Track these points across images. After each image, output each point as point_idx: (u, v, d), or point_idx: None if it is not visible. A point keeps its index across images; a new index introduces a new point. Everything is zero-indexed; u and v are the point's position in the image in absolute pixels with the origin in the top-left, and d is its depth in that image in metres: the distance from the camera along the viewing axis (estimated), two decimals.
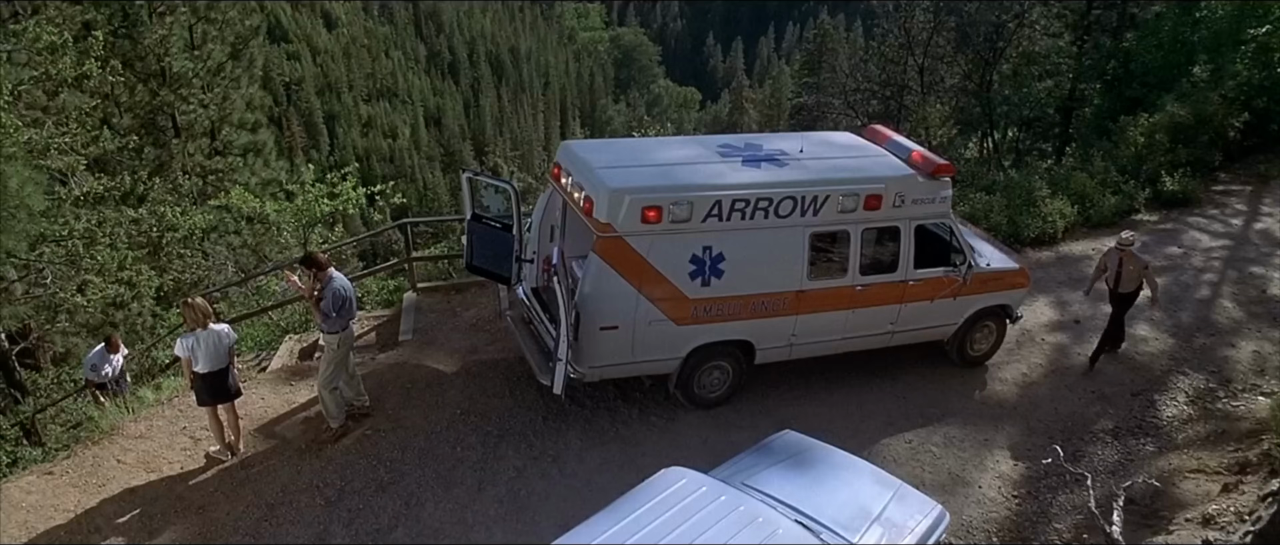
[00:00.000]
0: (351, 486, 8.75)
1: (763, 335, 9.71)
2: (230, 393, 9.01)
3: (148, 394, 10.43)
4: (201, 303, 8.73)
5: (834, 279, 9.79)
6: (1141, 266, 10.65)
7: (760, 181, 9.27)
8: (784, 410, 9.92)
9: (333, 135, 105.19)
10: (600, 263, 8.90)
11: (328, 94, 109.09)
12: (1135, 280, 10.74)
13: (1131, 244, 10.66)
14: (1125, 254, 10.63)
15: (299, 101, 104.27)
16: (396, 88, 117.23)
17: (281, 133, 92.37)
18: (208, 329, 8.69)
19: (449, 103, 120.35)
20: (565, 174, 9.72)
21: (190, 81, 22.59)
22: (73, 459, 9.22)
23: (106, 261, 13.83)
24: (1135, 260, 10.65)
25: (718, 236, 9.10)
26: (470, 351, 11.02)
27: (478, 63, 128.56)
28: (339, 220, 18.44)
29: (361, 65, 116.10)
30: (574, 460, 9.23)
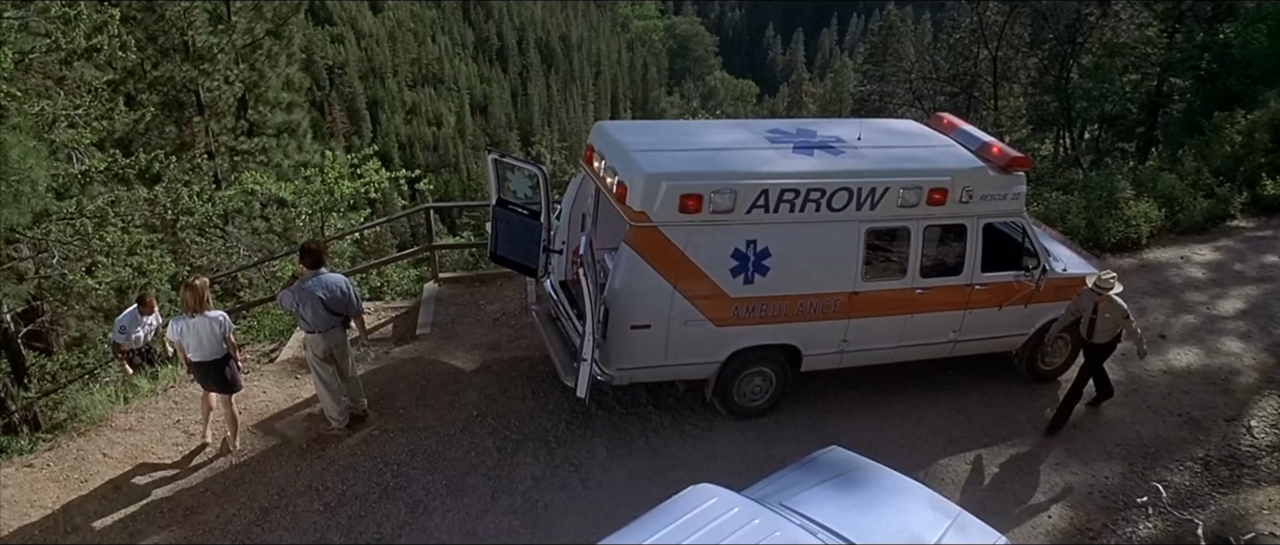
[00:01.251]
0: (353, 491, 8.41)
1: (810, 340, 9.22)
2: (226, 386, 8.68)
3: (142, 382, 10.17)
4: (200, 285, 8.42)
5: (891, 280, 9.28)
6: (1121, 315, 9.32)
7: (812, 170, 8.78)
8: (831, 423, 9.46)
9: (375, 121, 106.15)
10: (632, 255, 8.46)
11: (371, 79, 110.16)
12: (1112, 329, 9.44)
13: (1110, 287, 9.35)
14: (1102, 299, 9.30)
15: (342, 86, 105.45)
16: (442, 74, 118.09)
17: (323, 117, 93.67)
18: (200, 315, 8.36)
19: (496, 91, 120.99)
20: (598, 157, 9.29)
21: (215, 57, 22.52)
22: (55, 451, 9.00)
23: (116, 242, 13.68)
24: (1114, 307, 9.30)
25: (763, 230, 8.63)
26: (491, 348, 10.66)
27: (527, 50, 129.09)
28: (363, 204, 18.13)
29: (407, 50, 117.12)
30: (598, 471, 8.82)
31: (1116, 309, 9.32)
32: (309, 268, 8.69)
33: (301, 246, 9.08)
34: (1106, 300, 9.29)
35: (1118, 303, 9.32)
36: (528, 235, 9.68)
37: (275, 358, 10.96)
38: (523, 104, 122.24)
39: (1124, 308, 9.34)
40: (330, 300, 8.62)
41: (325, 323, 8.69)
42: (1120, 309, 9.33)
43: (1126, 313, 9.35)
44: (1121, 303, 9.33)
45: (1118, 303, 9.32)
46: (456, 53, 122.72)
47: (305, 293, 8.58)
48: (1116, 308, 9.31)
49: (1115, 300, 9.30)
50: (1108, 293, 9.28)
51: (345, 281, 8.90)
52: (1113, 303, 9.29)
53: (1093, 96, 22.05)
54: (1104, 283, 9.32)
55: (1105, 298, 9.28)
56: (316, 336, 8.75)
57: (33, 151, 10.68)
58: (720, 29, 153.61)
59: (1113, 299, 9.29)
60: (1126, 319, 9.38)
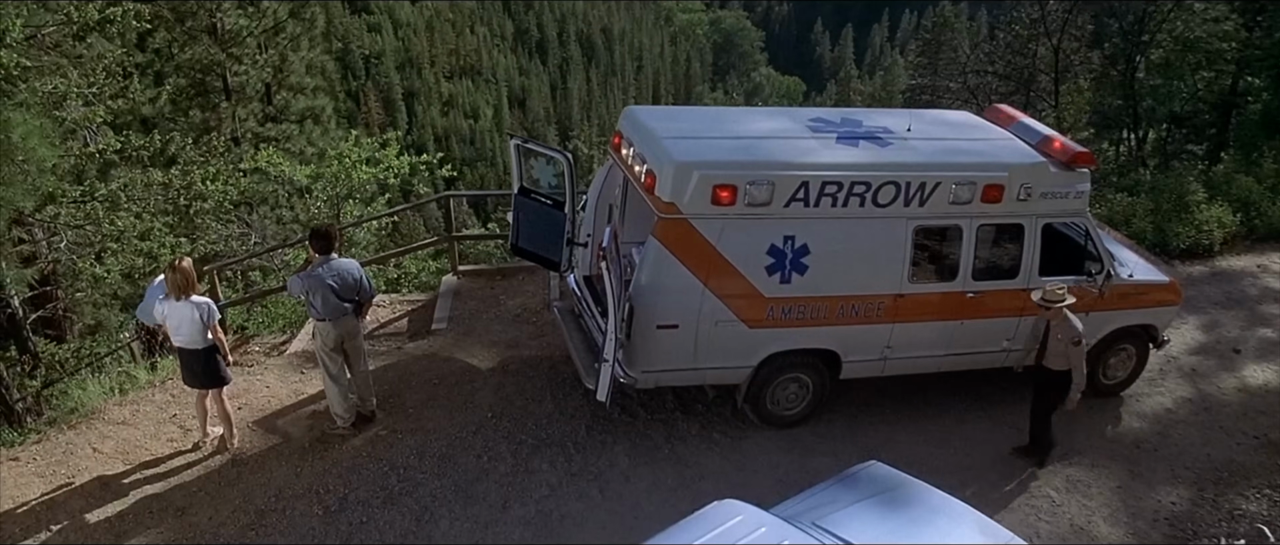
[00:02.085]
0: (356, 495, 8.11)
1: (851, 345, 8.83)
2: (210, 379, 8.43)
3: (140, 373, 9.96)
4: (185, 267, 8.14)
5: (941, 283, 8.88)
6: (1070, 339, 8.24)
7: (857, 162, 8.40)
8: (872, 436, 9.06)
9: (411, 113, 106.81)
10: (660, 249, 8.11)
11: (408, 69, 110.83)
12: (1063, 357, 8.40)
13: (1059, 300, 8.23)
14: (1053, 315, 8.30)
15: (378, 76, 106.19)
16: (480, 66, 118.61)
17: (358, 108, 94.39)
18: (184, 299, 8.10)
19: (535, 83, 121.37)
20: (627, 144, 8.96)
21: (244, 40, 22.49)
22: (43, 444, 8.80)
23: (127, 227, 13.54)
24: (1066, 327, 8.24)
25: (803, 225, 8.26)
26: (510, 346, 10.35)
27: (567, 42, 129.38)
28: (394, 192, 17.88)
29: (445, 40, 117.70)
30: (619, 481, 8.47)
31: (1067, 330, 8.25)
32: (320, 252, 8.44)
33: (312, 230, 8.80)
34: (1057, 317, 8.29)
35: (1070, 322, 8.27)
36: (551, 227, 9.37)
37: (285, 350, 10.71)
38: (562, 97, 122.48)
39: (1075, 329, 8.24)
40: (341, 287, 8.36)
41: (335, 310, 8.43)
42: (1070, 330, 8.24)
43: (1078, 336, 8.23)
44: (1075, 323, 8.27)
45: (1070, 322, 8.27)
46: (495, 44, 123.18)
47: (315, 279, 8.33)
48: (1068, 328, 8.26)
49: (1068, 319, 8.27)
50: (1057, 305, 8.23)
51: (357, 267, 8.66)
52: (1064, 321, 8.28)
53: (1161, 95, 21.34)
54: (1051, 295, 8.26)
55: (1057, 313, 8.28)
56: (326, 325, 8.49)
57: (39, 131, 10.49)
58: (767, 24, 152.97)
59: (1065, 316, 8.27)
60: (1076, 344, 8.23)
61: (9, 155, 10.18)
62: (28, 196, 10.85)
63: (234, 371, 9.49)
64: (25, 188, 10.63)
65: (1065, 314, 8.23)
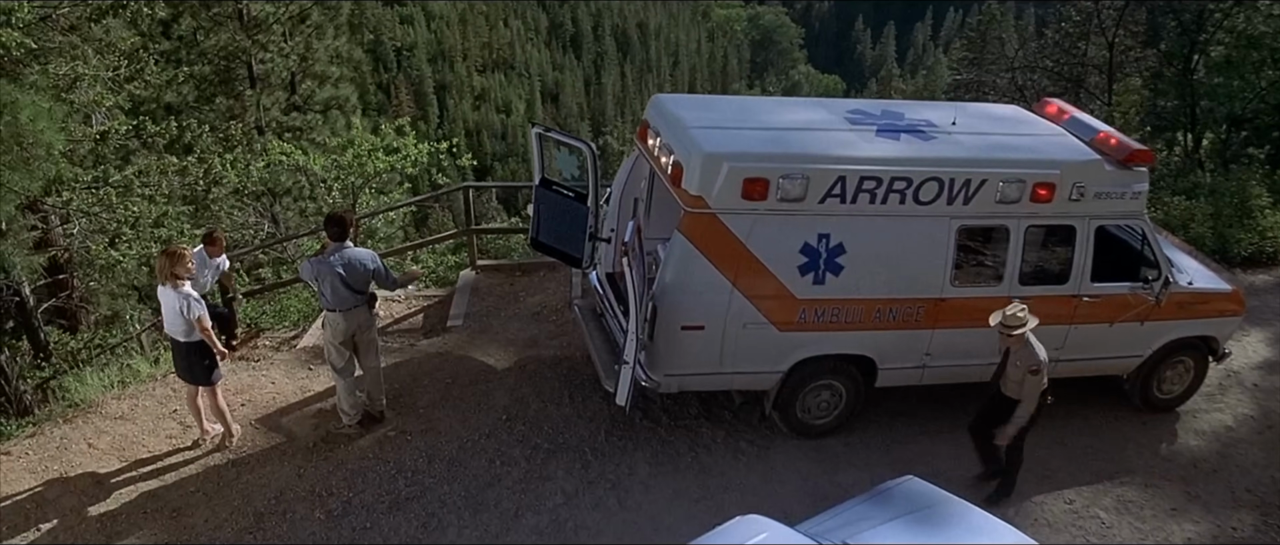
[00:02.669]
0: (361, 499, 7.89)
1: (888, 351, 8.50)
2: (195, 374, 8.21)
3: (142, 366, 9.78)
4: (178, 253, 7.93)
5: (985, 287, 8.50)
6: (1029, 367, 7.51)
7: (898, 156, 8.07)
8: (908, 449, 8.74)
9: (443, 106, 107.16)
10: (686, 245, 7.82)
11: (440, 62, 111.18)
12: (1019, 385, 7.67)
13: (1019, 325, 7.46)
14: (1011, 340, 7.55)
15: (409, 68, 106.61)
16: (513, 59, 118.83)
17: (389, 100, 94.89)
18: (169, 285, 7.88)
19: (568, 78, 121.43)
20: (653, 134, 8.68)
21: (270, 27, 22.46)
22: (37, 437, 8.65)
23: (142, 213, 13.43)
24: (1026, 354, 7.51)
25: (838, 222, 7.95)
26: (528, 345, 10.11)
27: (602, 37, 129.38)
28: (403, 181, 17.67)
29: (477, 33, 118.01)
30: (639, 490, 8.19)
31: (1027, 357, 7.51)
32: (333, 239, 8.23)
33: (327, 215, 8.60)
34: (1018, 343, 7.54)
35: (1031, 348, 7.50)
36: (573, 220, 9.10)
37: (296, 344, 10.50)
38: (596, 93, 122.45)
39: (1036, 357, 7.46)
40: (350, 276, 8.13)
41: (345, 301, 8.20)
42: (1031, 357, 7.48)
43: (1037, 365, 7.45)
44: (1037, 350, 7.49)
45: (1031, 348, 7.50)
46: (529, 38, 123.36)
47: (325, 266, 8.11)
48: (1027, 355, 7.50)
49: (1030, 344, 7.50)
50: (1015, 331, 7.45)
51: (371, 256, 8.41)
52: (1024, 347, 7.53)
53: (1220, 95, 20.67)
54: (1011, 320, 7.46)
55: (1014, 339, 7.51)
56: (337, 316, 8.27)
57: (47, 113, 10.35)
58: (806, 21, 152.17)
59: (1026, 342, 7.51)
60: (1034, 373, 7.47)
61: (16, 138, 10.01)
62: (35, 180, 10.69)
63: (240, 366, 9.32)
64: (32, 172, 10.46)
65: (1028, 339, 7.50)
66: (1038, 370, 7.49)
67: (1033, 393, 7.57)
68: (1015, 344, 7.54)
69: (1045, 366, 7.51)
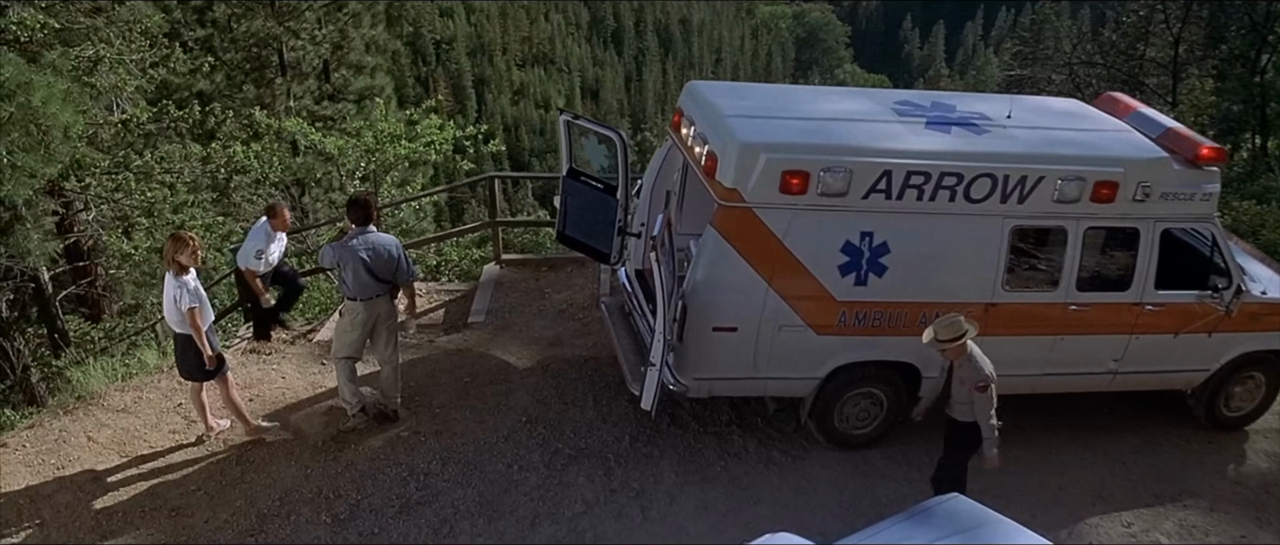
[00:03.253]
0: (370, 502, 7.60)
1: (933, 358, 7.91)
2: (186, 370, 7.96)
3: (148, 356, 9.57)
4: (184, 239, 7.68)
5: (1039, 292, 8.13)
6: (975, 383, 6.84)
7: (949, 150, 7.68)
8: None
9: (481, 101, 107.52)
10: (719, 240, 7.48)
11: (479, 56, 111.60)
12: (968, 405, 7.01)
13: (958, 335, 6.77)
14: (950, 353, 6.91)
15: (448, 62, 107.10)
16: (553, 54, 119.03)
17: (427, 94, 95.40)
18: (174, 273, 7.64)
19: (609, 74, 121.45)
20: (687, 122, 8.33)
21: (302, 13, 22.39)
22: (36, 429, 8.43)
23: (158, 200, 13.29)
24: (970, 368, 6.84)
25: (883, 220, 7.59)
26: (552, 344, 9.80)
27: (644, 33, 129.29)
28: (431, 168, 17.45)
29: (518, 27, 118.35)
30: (664, 500, 7.85)
31: (971, 372, 6.84)
32: (356, 223, 7.96)
33: (350, 199, 8.29)
34: (957, 355, 6.87)
35: (975, 362, 6.84)
36: (601, 213, 8.76)
37: (312, 337, 10.26)
38: (636, 89, 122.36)
39: (981, 371, 6.80)
40: (375, 263, 7.87)
41: (368, 289, 7.95)
42: (975, 372, 6.82)
43: (984, 380, 6.79)
44: (981, 363, 6.84)
45: (975, 362, 6.84)
46: (569, 33, 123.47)
47: (347, 251, 7.85)
48: (971, 370, 6.85)
49: (973, 358, 6.84)
50: (951, 344, 6.79)
51: (396, 243, 8.17)
52: (967, 361, 6.86)
53: None
54: (944, 331, 6.76)
55: (954, 350, 6.84)
56: (357, 305, 8.01)
57: (62, 95, 10.20)
58: (853, 19, 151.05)
59: (968, 355, 6.85)
60: (981, 390, 6.81)
61: (29, 120, 9.86)
62: (50, 164, 10.54)
63: (250, 359, 9.07)
64: (46, 155, 10.32)
65: (970, 352, 6.83)
66: (985, 386, 6.78)
67: (986, 411, 6.88)
68: (954, 356, 6.89)
69: (993, 381, 6.80)
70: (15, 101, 10.06)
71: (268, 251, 9.40)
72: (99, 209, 14.19)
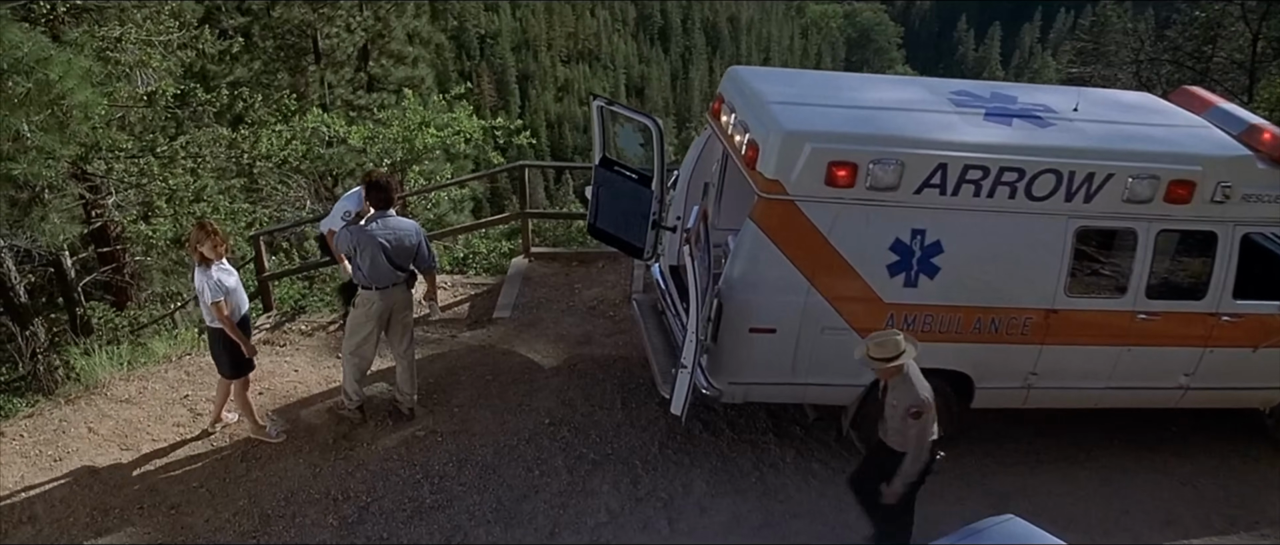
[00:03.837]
0: (379, 505, 7.27)
1: (987, 368, 7.68)
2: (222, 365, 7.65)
3: (158, 346, 9.32)
4: (208, 229, 7.36)
5: (1105, 298, 7.65)
6: (908, 408, 6.12)
7: (1010, 143, 7.24)
8: (1007, 482, 7.89)
9: (525, 97, 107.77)
10: (759, 235, 7.10)
11: (524, 51, 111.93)
12: (901, 432, 6.30)
13: (895, 354, 6.12)
14: (886, 373, 6.24)
15: (493, 57, 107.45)
16: (598, 51, 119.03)
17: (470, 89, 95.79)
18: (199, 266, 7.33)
19: (655, 72, 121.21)
20: (728, 109, 7.93)
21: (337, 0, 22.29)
22: (34, 419, 8.21)
23: (180, 185, 13.09)
24: (904, 390, 6.15)
25: (936, 217, 7.16)
26: (580, 342, 9.45)
27: (691, 30, 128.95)
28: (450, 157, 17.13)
29: (563, 22, 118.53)
30: (693, 512, 7.45)
31: (905, 394, 6.15)
32: (376, 206, 7.61)
33: (370, 181, 7.89)
34: (892, 376, 6.21)
35: (912, 385, 6.13)
36: (635, 205, 8.41)
37: (332, 328, 9.96)
38: (682, 88, 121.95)
39: (917, 395, 6.09)
40: (395, 249, 7.53)
41: (385, 277, 7.60)
42: (910, 395, 6.12)
43: (918, 405, 6.07)
44: (919, 387, 6.12)
45: (912, 385, 6.13)
46: (616, 29, 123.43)
47: (365, 235, 7.50)
48: (905, 392, 6.15)
49: (908, 379, 6.15)
50: (889, 363, 6.14)
51: (417, 229, 7.81)
52: (902, 382, 6.17)
53: None
54: (877, 347, 6.15)
55: (890, 372, 6.18)
56: (372, 294, 7.66)
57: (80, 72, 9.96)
58: (906, 19, 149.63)
59: (904, 376, 6.17)
60: (915, 416, 6.09)
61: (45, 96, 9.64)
62: (68, 143, 10.34)
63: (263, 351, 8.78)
64: (64, 135, 10.10)
65: (907, 373, 6.16)
66: (920, 411, 6.09)
67: (920, 441, 6.19)
68: (889, 376, 6.23)
69: (929, 407, 6.11)
70: (33, 77, 9.83)
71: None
72: (124, 194, 14.03)
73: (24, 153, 10.27)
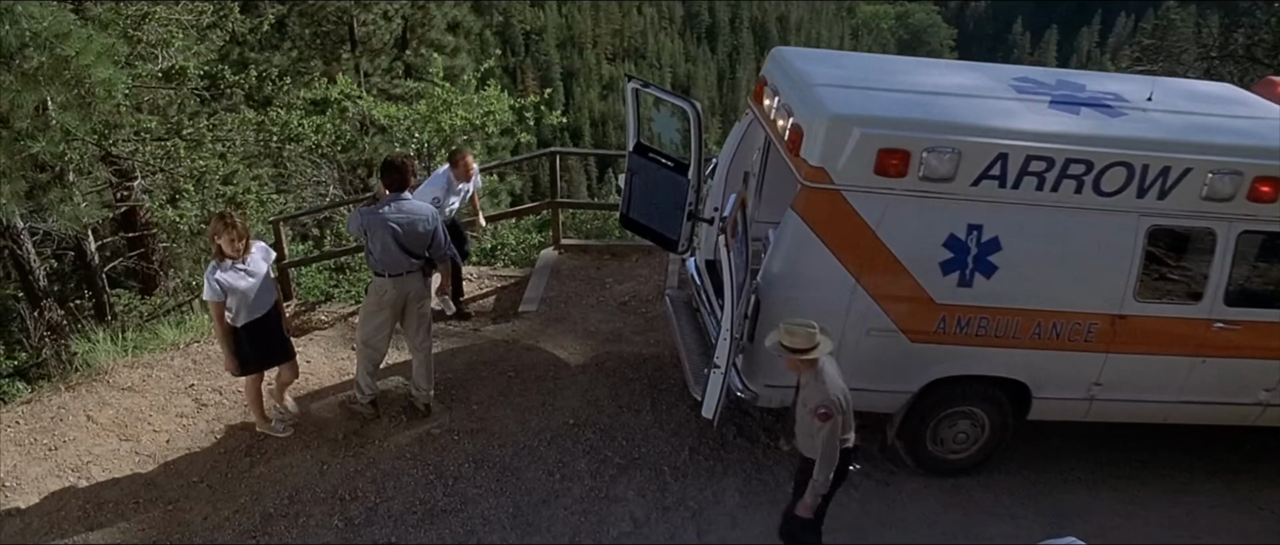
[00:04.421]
0: (388, 507, 6.92)
1: (1046, 376, 7.18)
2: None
3: (166, 332, 9.03)
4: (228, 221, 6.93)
5: (1178, 305, 7.11)
6: (816, 408, 5.56)
7: (1077, 133, 6.72)
8: (1065, 500, 7.43)
9: (569, 94, 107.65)
10: (801, 227, 6.64)
11: (569, 48, 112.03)
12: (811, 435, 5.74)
13: (808, 345, 5.61)
14: (799, 366, 5.73)
15: (537, 53, 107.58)
16: (644, 49, 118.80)
17: (514, 85, 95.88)
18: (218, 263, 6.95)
19: (701, 71, 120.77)
20: (770, 93, 7.48)
21: None
22: (32, 405, 7.96)
23: (209, 168, 12.87)
24: (815, 388, 5.62)
25: (995, 211, 6.68)
26: (610, 339, 9.05)
27: (739, 29, 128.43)
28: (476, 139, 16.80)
29: (609, 19, 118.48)
30: (724, 522, 7.06)
31: (815, 393, 5.60)
32: (390, 188, 7.23)
33: (384, 161, 7.53)
34: (803, 368, 5.69)
35: (824, 383, 5.59)
36: (670, 195, 8.01)
37: (353, 319, 9.66)
38: (729, 87, 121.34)
39: (828, 394, 5.54)
40: (406, 234, 7.16)
41: (397, 264, 7.25)
42: (819, 394, 5.57)
43: (827, 406, 5.51)
44: (831, 386, 5.57)
45: (824, 383, 5.59)
46: (662, 27, 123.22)
47: (375, 218, 7.13)
48: (816, 391, 5.60)
49: (822, 376, 5.62)
50: (802, 355, 5.62)
51: (434, 215, 7.42)
52: (814, 380, 5.65)
53: None
54: (790, 336, 5.61)
55: (804, 366, 5.67)
56: (384, 281, 7.32)
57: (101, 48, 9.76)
58: (960, 21, 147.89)
59: (817, 372, 5.65)
60: (824, 417, 5.50)
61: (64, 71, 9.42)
62: (89, 121, 10.12)
63: None
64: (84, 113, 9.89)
65: (822, 369, 5.63)
66: (828, 413, 5.51)
67: (827, 448, 5.59)
68: (802, 370, 5.71)
69: (840, 411, 5.54)
70: (52, 52, 9.62)
71: (445, 201, 8.79)
72: (152, 178, 13.85)
73: (44, 131, 10.09)
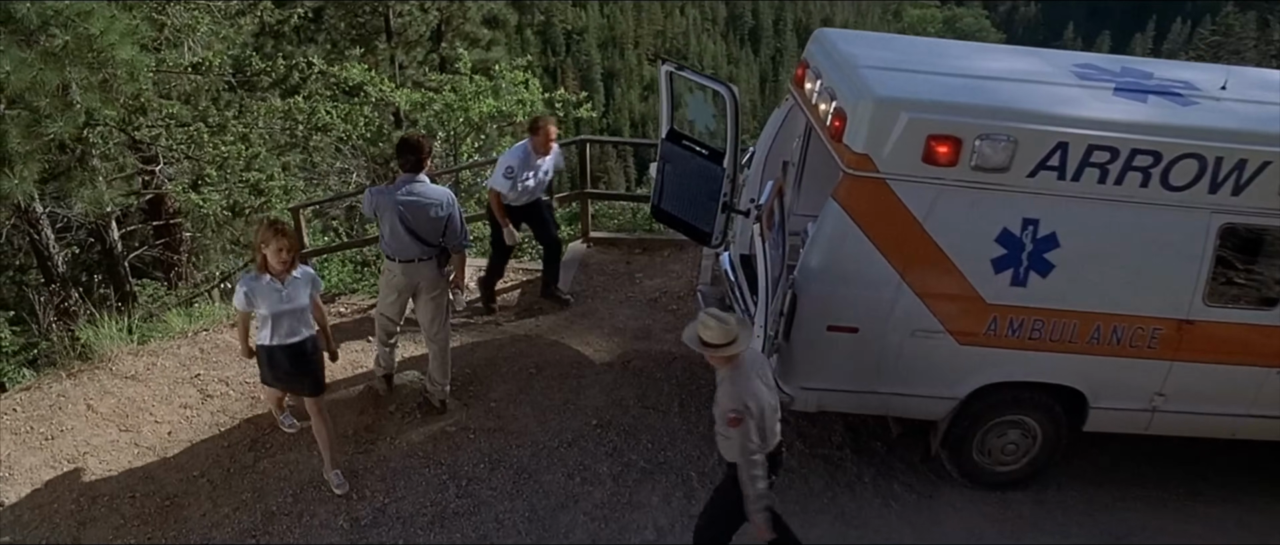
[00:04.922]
0: (397, 508, 6.62)
1: (1105, 384, 6.79)
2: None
3: (174, 320, 8.82)
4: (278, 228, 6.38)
5: (1251, 309, 6.68)
6: (725, 412, 5.25)
7: (1144, 121, 6.32)
8: (1121, 518, 7.08)
9: (609, 94, 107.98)
10: (843, 218, 6.31)
11: (610, 48, 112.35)
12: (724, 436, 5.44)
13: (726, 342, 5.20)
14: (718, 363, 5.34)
15: (578, 53, 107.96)
16: (686, 50, 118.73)
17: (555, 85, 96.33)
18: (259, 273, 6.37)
19: (743, 73, 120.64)
20: (812, 76, 7.12)
21: None
22: (31, 393, 7.73)
23: (232, 154, 12.72)
24: (726, 389, 5.28)
25: (1053, 205, 6.31)
26: (638, 336, 8.71)
27: (783, 32, 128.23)
28: None
29: (652, 20, 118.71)
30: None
31: (724, 394, 5.29)
32: (405, 169, 6.90)
33: (400, 140, 7.22)
34: (722, 364, 5.32)
35: (729, 384, 5.27)
36: (704, 185, 7.69)
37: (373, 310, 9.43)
38: (772, 90, 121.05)
39: (736, 400, 5.19)
40: (415, 217, 6.80)
41: (407, 250, 6.90)
42: (728, 398, 5.24)
43: (734, 411, 5.18)
44: (740, 387, 5.24)
45: (729, 384, 5.27)
46: (705, 29, 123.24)
47: (385, 198, 6.81)
48: (724, 391, 5.28)
49: (732, 377, 5.28)
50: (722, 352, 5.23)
51: (448, 199, 7.03)
52: (727, 380, 5.30)
53: None
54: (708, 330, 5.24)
55: (717, 360, 5.30)
56: (394, 266, 7.01)
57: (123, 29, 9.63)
58: (1009, 26, 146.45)
59: (728, 372, 5.30)
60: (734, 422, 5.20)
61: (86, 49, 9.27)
62: (112, 103, 9.98)
63: None
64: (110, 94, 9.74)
65: (739, 367, 5.30)
66: (739, 418, 5.16)
67: (743, 455, 5.20)
68: (720, 367, 5.32)
69: (749, 415, 5.16)
70: (74, 31, 9.48)
71: (520, 175, 8.39)
72: (178, 165, 13.75)
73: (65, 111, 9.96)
